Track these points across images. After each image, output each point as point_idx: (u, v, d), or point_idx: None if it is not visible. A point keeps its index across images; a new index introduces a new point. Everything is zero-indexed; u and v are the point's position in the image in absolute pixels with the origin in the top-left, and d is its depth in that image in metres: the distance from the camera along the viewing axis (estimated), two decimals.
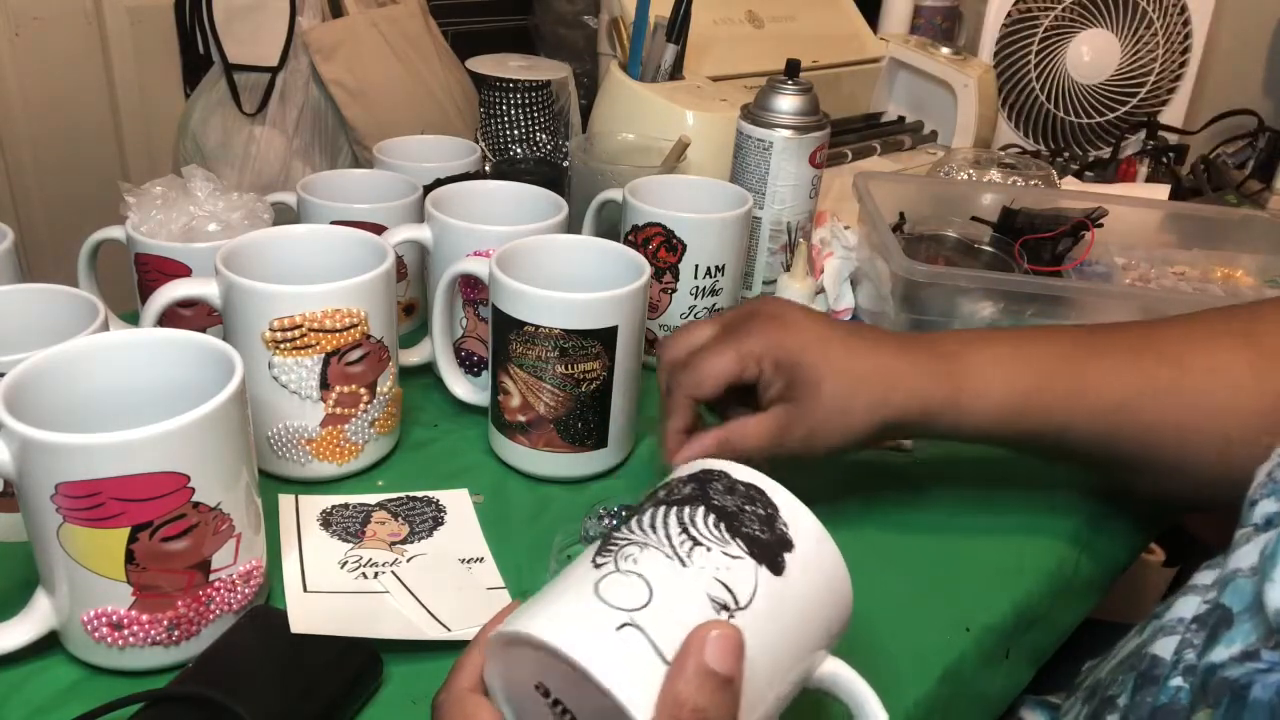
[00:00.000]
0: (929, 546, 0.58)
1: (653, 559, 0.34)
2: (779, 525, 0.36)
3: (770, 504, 0.36)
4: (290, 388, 0.56)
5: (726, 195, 0.75)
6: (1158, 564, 1.12)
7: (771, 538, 0.35)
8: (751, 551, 0.35)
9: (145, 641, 0.44)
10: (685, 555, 0.34)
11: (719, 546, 0.34)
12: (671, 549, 0.34)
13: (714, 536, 0.35)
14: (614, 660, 0.31)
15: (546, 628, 0.33)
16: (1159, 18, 1.28)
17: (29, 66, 1.00)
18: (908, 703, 0.48)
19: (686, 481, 0.38)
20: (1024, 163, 1.00)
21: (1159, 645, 0.41)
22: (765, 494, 0.37)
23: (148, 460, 0.41)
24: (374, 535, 0.55)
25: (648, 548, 0.34)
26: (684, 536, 0.35)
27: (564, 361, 0.57)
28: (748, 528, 0.35)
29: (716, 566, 0.34)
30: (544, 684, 0.34)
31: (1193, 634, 0.40)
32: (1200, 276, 0.77)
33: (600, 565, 0.34)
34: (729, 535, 0.35)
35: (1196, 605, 0.41)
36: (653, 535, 0.35)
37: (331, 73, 0.98)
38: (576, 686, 0.32)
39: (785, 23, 1.15)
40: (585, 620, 0.33)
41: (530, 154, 0.96)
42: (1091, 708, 0.46)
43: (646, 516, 0.36)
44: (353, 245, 0.62)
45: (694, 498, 0.36)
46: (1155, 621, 0.44)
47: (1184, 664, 0.39)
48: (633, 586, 0.33)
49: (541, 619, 0.33)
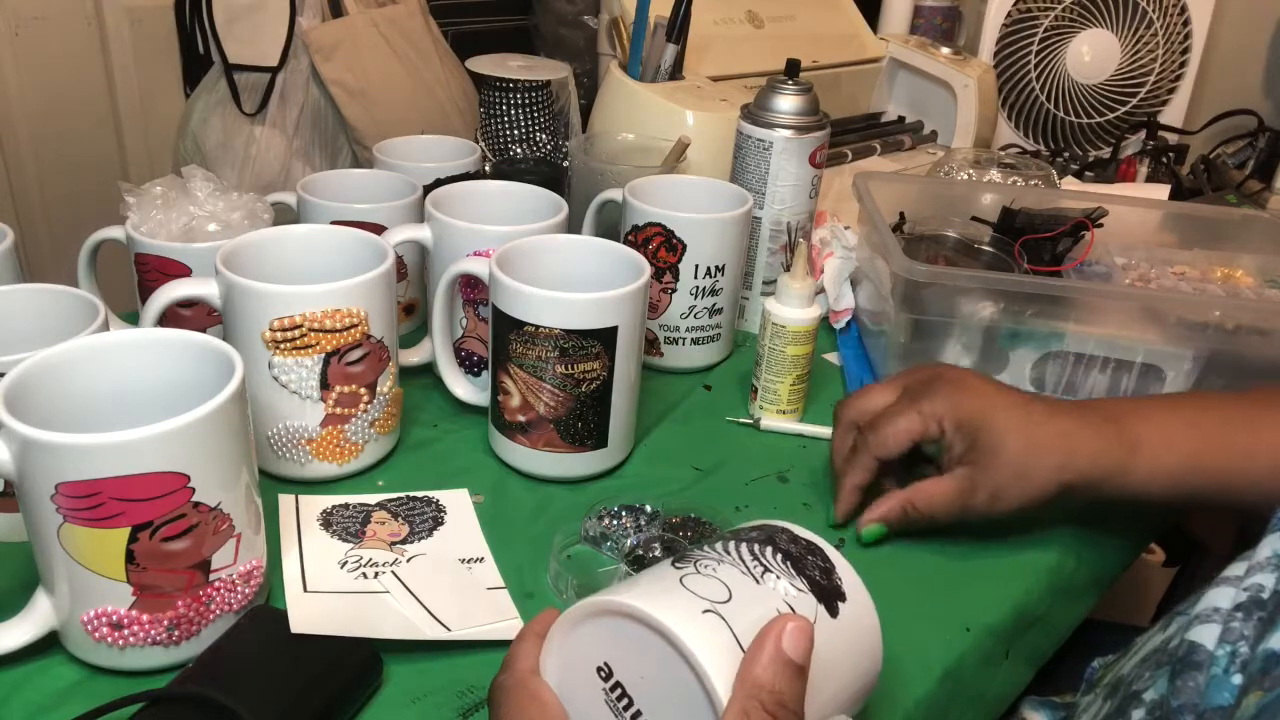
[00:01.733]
0: (929, 547, 0.58)
1: (730, 571, 0.37)
2: (835, 578, 0.39)
3: (828, 560, 0.40)
4: (290, 388, 0.56)
5: (726, 195, 0.75)
6: (1158, 564, 1.12)
7: (829, 585, 0.38)
8: (813, 590, 0.38)
9: (145, 641, 0.44)
10: (758, 575, 0.37)
11: (787, 578, 0.37)
12: (746, 568, 0.37)
13: (782, 569, 0.38)
14: (701, 635, 0.33)
15: (640, 600, 0.34)
16: (1159, 18, 1.28)
17: (29, 66, 1.00)
18: (908, 703, 0.48)
19: (752, 529, 0.41)
20: (1024, 163, 1.00)
21: (1196, 633, 0.42)
22: (824, 551, 0.40)
23: (148, 460, 0.41)
24: (374, 535, 0.55)
25: (724, 563, 0.37)
26: (756, 562, 0.38)
27: (564, 361, 0.57)
28: (810, 571, 0.38)
29: (785, 591, 0.37)
30: (608, 665, 0.35)
31: (1240, 623, 0.40)
32: (1200, 276, 0.77)
33: (680, 568, 0.37)
34: (795, 571, 0.38)
35: (1234, 595, 0.42)
36: (727, 556, 0.38)
37: (331, 73, 0.98)
38: (650, 664, 0.33)
39: (785, 23, 1.15)
40: (674, 600, 0.34)
41: (530, 154, 0.96)
42: (1114, 704, 0.46)
43: (719, 544, 0.39)
44: (353, 245, 0.62)
45: (763, 540, 0.39)
46: (1181, 617, 0.44)
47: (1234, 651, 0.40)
48: (714, 585, 0.36)
49: (631, 594, 0.35)
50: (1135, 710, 0.44)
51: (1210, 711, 0.39)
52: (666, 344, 0.75)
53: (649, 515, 0.56)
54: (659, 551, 0.54)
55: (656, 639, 0.33)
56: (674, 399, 0.72)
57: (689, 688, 0.32)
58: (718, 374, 0.77)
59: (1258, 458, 0.54)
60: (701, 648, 0.32)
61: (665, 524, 0.56)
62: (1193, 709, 0.39)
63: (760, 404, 0.69)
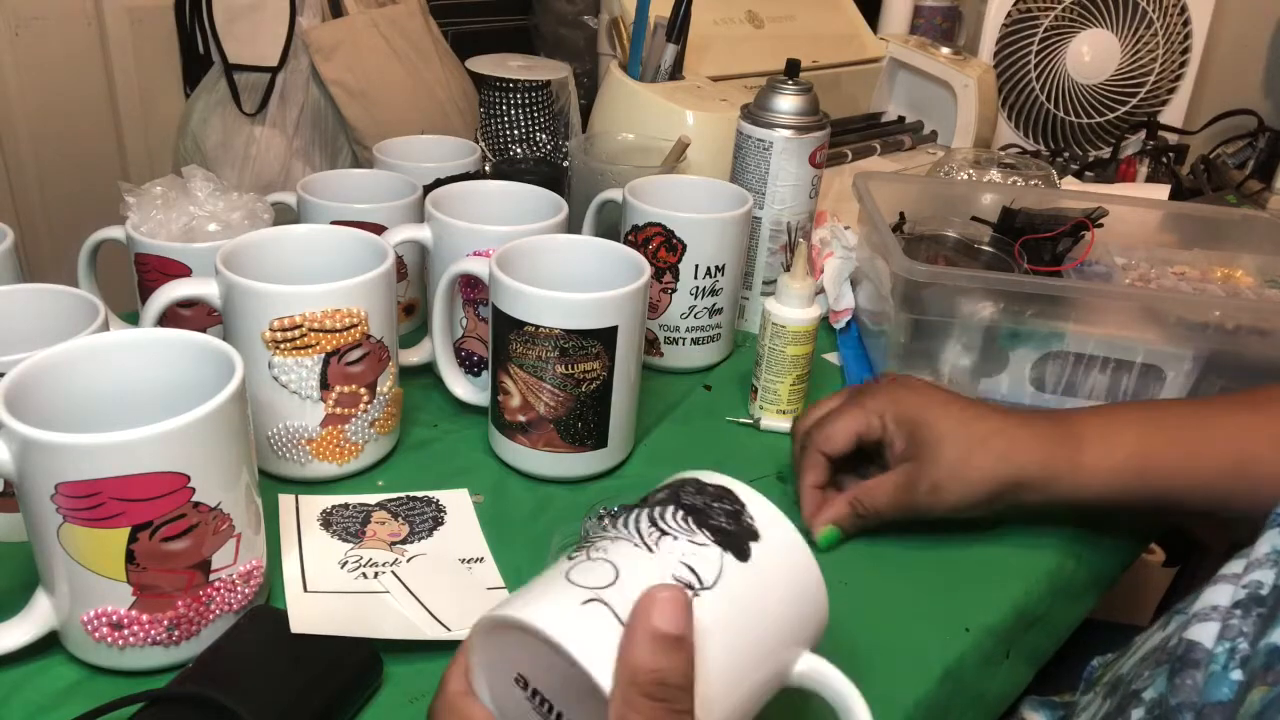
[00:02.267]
0: (929, 547, 0.58)
1: (621, 548, 0.36)
2: (745, 518, 0.37)
3: (737, 501, 0.38)
4: (290, 388, 0.56)
5: (726, 195, 0.75)
6: (1158, 564, 1.12)
7: (738, 529, 0.37)
8: (717, 540, 0.36)
9: (145, 641, 0.44)
10: (653, 544, 0.36)
11: (686, 536, 0.36)
12: (640, 539, 0.36)
13: (681, 528, 0.36)
14: (577, 628, 0.32)
15: (515, 607, 0.34)
16: (1159, 18, 1.28)
17: (29, 66, 0.99)
18: (908, 703, 0.48)
19: (661, 489, 0.40)
20: (1024, 163, 1.00)
21: (1194, 632, 0.42)
22: (733, 493, 0.38)
23: (148, 460, 0.41)
24: (374, 535, 0.55)
25: (618, 540, 0.36)
26: (652, 529, 0.36)
27: (564, 361, 0.57)
28: (715, 520, 0.37)
29: (683, 552, 0.35)
30: (523, 675, 0.35)
31: (1239, 620, 0.40)
32: (1200, 276, 0.77)
33: (573, 558, 0.36)
34: (696, 526, 0.36)
35: (1233, 593, 0.42)
36: (624, 531, 0.37)
37: (331, 73, 0.98)
38: (549, 667, 0.33)
39: (785, 23, 1.15)
40: (553, 598, 0.34)
41: (530, 154, 0.96)
42: (1114, 703, 0.46)
43: (621, 519, 0.38)
44: (353, 245, 0.62)
45: (665, 500, 0.38)
46: (1180, 615, 0.44)
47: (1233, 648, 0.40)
48: (599, 570, 0.35)
49: (513, 603, 0.34)
50: (1135, 709, 0.44)
51: (1209, 707, 0.39)
52: (666, 344, 0.75)
53: None
54: None
55: (539, 643, 0.32)
56: (674, 399, 0.72)
57: (583, 682, 0.32)
58: (718, 374, 0.77)
59: (1207, 458, 0.54)
60: (578, 641, 0.32)
61: None
62: (1191, 706, 0.40)
63: (760, 404, 0.69)
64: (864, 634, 0.51)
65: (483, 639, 0.36)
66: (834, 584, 0.54)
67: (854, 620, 0.52)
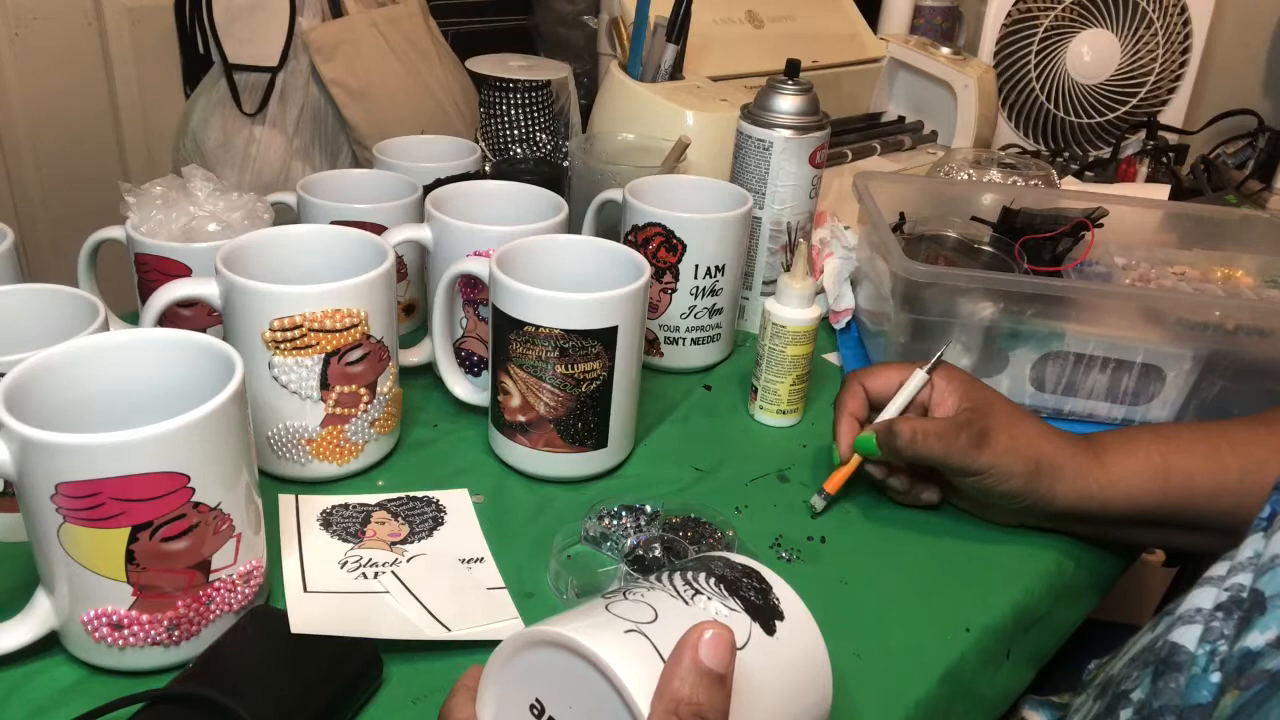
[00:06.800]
0: (929, 547, 0.58)
1: (658, 596, 0.37)
2: (772, 598, 0.39)
3: (765, 582, 0.40)
4: (290, 388, 0.56)
5: (726, 195, 0.75)
6: (1158, 564, 1.12)
7: (765, 604, 0.38)
8: (747, 610, 0.38)
9: (145, 641, 0.44)
10: (689, 598, 0.37)
11: (719, 599, 0.37)
12: (676, 593, 0.37)
13: (715, 591, 0.38)
14: (620, 652, 0.32)
15: (560, 625, 0.34)
16: (1159, 18, 1.28)
17: (29, 66, 1.00)
18: (908, 703, 0.48)
19: (689, 561, 0.41)
20: (1024, 163, 1.00)
21: (1178, 634, 0.42)
22: (760, 574, 0.40)
23: (148, 460, 0.41)
24: (374, 535, 0.55)
25: (654, 590, 0.37)
26: (687, 587, 0.38)
27: (564, 361, 0.57)
28: (744, 593, 0.38)
29: (717, 610, 0.37)
30: (540, 702, 0.35)
31: (1220, 622, 0.40)
32: (1200, 276, 0.77)
33: (608, 598, 0.37)
34: (728, 592, 0.38)
35: (1216, 595, 0.42)
36: (659, 584, 0.38)
37: (331, 73, 0.98)
38: (575, 690, 0.33)
39: (785, 23, 1.15)
40: (597, 624, 0.34)
41: (530, 154, 0.96)
42: (1104, 704, 0.46)
43: (653, 577, 0.39)
44: (353, 245, 0.62)
45: (697, 567, 0.39)
46: (1168, 617, 0.44)
47: (1213, 650, 0.40)
48: (639, 608, 0.36)
49: (552, 623, 0.34)
50: (1124, 710, 0.44)
51: (1189, 710, 0.39)
52: (666, 344, 0.75)
53: (649, 515, 0.56)
54: (659, 551, 0.54)
55: (578, 661, 0.33)
56: (674, 399, 0.72)
57: (613, 708, 0.32)
58: (718, 374, 0.77)
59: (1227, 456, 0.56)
60: (620, 663, 0.32)
61: (665, 524, 0.56)
62: (1174, 710, 0.40)
63: (760, 404, 0.69)
64: (864, 634, 0.51)
65: (508, 658, 0.36)
66: (834, 584, 0.55)
67: (854, 620, 0.52)
